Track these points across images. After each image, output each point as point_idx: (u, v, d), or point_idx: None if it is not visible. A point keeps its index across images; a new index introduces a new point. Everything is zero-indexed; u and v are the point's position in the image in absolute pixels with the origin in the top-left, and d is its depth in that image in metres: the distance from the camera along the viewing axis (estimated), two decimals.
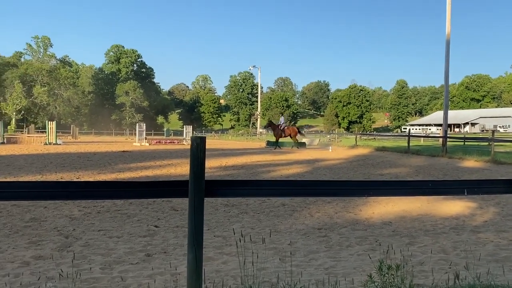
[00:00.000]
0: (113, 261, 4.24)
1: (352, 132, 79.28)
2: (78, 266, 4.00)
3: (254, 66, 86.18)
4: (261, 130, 77.80)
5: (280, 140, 29.98)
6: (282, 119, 30.56)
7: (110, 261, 4.23)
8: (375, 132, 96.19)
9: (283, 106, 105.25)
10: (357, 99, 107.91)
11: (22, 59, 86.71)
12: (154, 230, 5.57)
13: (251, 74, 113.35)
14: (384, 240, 5.16)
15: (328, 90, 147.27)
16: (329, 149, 29.20)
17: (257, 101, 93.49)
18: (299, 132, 30.64)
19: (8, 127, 63.01)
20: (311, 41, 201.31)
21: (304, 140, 39.66)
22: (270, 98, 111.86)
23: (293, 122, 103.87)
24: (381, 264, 2.90)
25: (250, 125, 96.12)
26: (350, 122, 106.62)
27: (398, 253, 3.72)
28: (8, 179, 9.98)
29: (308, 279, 3.63)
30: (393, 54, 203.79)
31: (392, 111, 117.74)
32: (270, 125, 30.10)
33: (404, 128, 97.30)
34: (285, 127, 29.64)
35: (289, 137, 29.65)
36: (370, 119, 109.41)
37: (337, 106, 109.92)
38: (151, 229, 5.62)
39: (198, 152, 2.61)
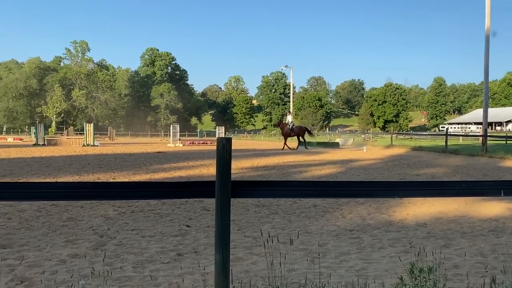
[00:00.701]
0: (145, 260, 4.32)
1: (387, 131, 77.67)
2: (111, 264, 4.10)
3: (286, 66, 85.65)
4: None
5: (314, 140, 29.92)
6: (289, 118, 29.34)
7: (142, 260, 4.32)
8: (411, 131, 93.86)
9: (316, 106, 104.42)
10: (393, 98, 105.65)
11: (62, 64, 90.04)
12: (185, 230, 5.64)
13: (283, 74, 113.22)
14: (418, 242, 5.01)
15: (363, 88, 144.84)
16: (364, 149, 28.74)
17: (289, 101, 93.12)
18: (309, 132, 29.50)
19: (49, 129, 65.63)
20: (345, 40, 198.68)
21: (337, 140, 39.24)
22: (303, 98, 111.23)
23: (326, 122, 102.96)
24: (412, 267, 2.81)
25: None
26: (386, 121, 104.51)
27: (432, 255, 3.61)
28: (47, 180, 10.38)
29: (338, 281, 3.57)
30: (430, 50, 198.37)
31: (430, 109, 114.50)
32: (279, 124, 29.08)
33: (442, 127, 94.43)
34: (294, 126, 28.48)
35: (298, 136, 28.30)
36: (406, 118, 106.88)
37: (372, 105, 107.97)
38: (182, 229, 5.70)
39: (224, 153, 2.62)
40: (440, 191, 2.98)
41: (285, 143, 27.85)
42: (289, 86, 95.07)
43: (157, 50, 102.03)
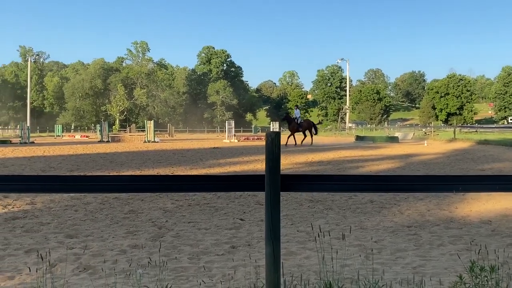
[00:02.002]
0: (200, 251, 4.45)
1: (450, 125, 73.96)
2: (169, 255, 4.25)
3: (342, 59, 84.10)
4: (350, 125, 76.00)
5: (371, 134, 28.88)
6: (297, 112, 27.48)
7: (197, 251, 4.44)
8: (477, 124, 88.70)
9: (374, 99, 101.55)
10: (456, 89, 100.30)
11: (124, 64, 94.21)
12: (239, 223, 5.73)
13: (339, 67, 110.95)
14: (481, 240, 4.75)
15: (424, 80, 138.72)
16: (424, 143, 27.61)
17: (345, 95, 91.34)
18: (315, 127, 27.34)
19: (113, 127, 69.04)
20: (403, 29, 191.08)
21: (396, 134, 37.96)
22: (360, 91, 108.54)
23: (385, 116, 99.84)
24: (473, 265, 2.67)
25: (339, 120, 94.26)
26: (449, 114, 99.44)
27: (495, 254, 3.40)
28: (111, 174, 10.94)
29: (393, 278, 3.48)
30: (496, 38, 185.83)
31: (497, 101, 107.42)
32: (286, 118, 27.22)
33: (511, 120, 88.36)
34: (302, 121, 26.80)
35: (305, 131, 26.44)
36: (471, 111, 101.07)
37: (434, 97, 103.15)
38: (237, 222, 5.79)
39: (273, 147, 2.63)
40: (504, 186, 2.79)
41: (291, 137, 25.82)
42: (346, 79, 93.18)
43: (213, 48, 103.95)
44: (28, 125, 39.37)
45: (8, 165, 13.41)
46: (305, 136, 26.22)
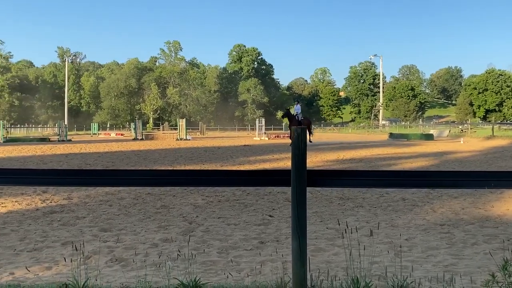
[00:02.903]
0: (229, 246, 4.50)
1: (489, 121, 71.35)
2: (199, 249, 4.33)
3: (375, 55, 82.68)
4: (383, 122, 74.60)
5: (405, 132, 28.15)
6: (298, 108, 24.83)
7: (226, 246, 4.50)
8: None
9: (408, 96, 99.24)
10: (495, 85, 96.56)
11: (157, 63, 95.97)
12: (268, 220, 5.76)
13: (373, 63, 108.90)
14: None
15: (461, 76, 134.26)
16: (461, 141, 26.81)
17: (379, 92, 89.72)
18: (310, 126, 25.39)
19: (147, 125, 70.49)
20: (440, 24, 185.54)
21: (431, 131, 37.01)
22: (394, 88, 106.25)
23: (420, 113, 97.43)
24: (506, 263, 2.60)
25: (372, 117, 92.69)
26: (487, 111, 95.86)
27: None
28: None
29: (424, 275, 3.42)
30: None
31: None
32: (287, 115, 24.61)
33: None
34: (302, 118, 24.61)
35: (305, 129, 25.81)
36: None
37: (471, 93, 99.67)
38: (265, 219, 5.82)
39: (299, 143, 2.64)
40: None
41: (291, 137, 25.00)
42: (379, 76, 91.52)
43: (244, 46, 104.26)
44: (65, 123, 40.74)
45: (47, 162, 13.95)
46: (309, 133, 24.02)
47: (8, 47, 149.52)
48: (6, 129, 32.95)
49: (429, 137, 31.00)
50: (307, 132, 23.94)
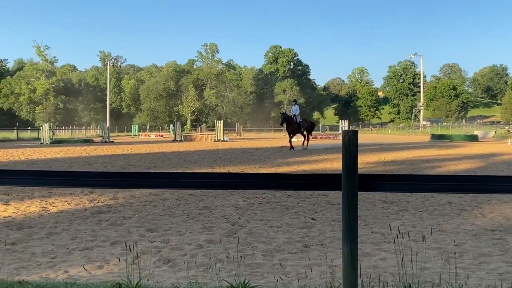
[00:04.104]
0: (273, 249, 4.50)
1: None
2: (243, 251, 4.36)
3: (415, 54, 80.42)
4: (424, 123, 72.56)
5: (448, 133, 27.12)
6: (295, 109, 22.27)
7: (270, 249, 4.51)
8: None
9: (450, 96, 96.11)
10: None
11: (194, 66, 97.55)
12: (311, 223, 5.72)
13: (413, 63, 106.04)
14: None
15: (506, 74, 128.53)
16: (508, 142, 25.67)
17: (419, 92, 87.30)
18: (313, 127, 23.49)
19: (185, 126, 71.71)
20: (483, 21, 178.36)
21: (476, 132, 35.65)
22: (435, 87, 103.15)
23: (463, 113, 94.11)
24: None
25: (412, 118, 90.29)
26: None
27: None
28: (186, 172, 11.40)
29: (478, 283, 3.29)
30: None
31: None
32: (285, 120, 21.41)
33: None
34: (301, 120, 22.30)
35: (305, 132, 22.30)
36: None
37: None
38: (308, 222, 5.78)
39: (350, 146, 2.61)
40: None
41: (290, 140, 21.69)
42: (419, 75, 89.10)
43: (280, 47, 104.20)
44: (108, 125, 42.08)
45: (92, 163, 14.45)
46: (308, 137, 22.37)
47: (53, 51, 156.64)
48: (52, 131, 34.38)
49: (473, 138, 29.88)
50: (306, 135, 21.88)
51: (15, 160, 15.73)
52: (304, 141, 22.24)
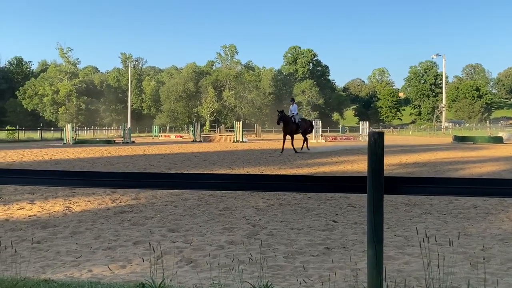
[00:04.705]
0: (295, 251, 4.47)
1: None
2: (264, 253, 4.34)
3: (437, 55, 79.08)
4: (446, 124, 71.28)
5: (471, 134, 26.48)
6: (294, 108, 20.69)
7: (292, 251, 4.48)
8: None
9: (473, 96, 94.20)
10: None
11: (214, 67, 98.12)
12: (332, 225, 5.66)
13: (434, 63, 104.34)
14: None
15: None
16: None
17: (441, 93, 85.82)
18: (311, 127, 21.98)
19: (204, 127, 72.12)
20: (507, 20, 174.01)
21: (500, 134, 34.82)
22: (457, 88, 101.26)
23: (486, 114, 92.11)
24: None
25: (434, 119, 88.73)
26: None
27: None
28: (205, 172, 11.45)
29: None
30: None
31: None
32: (283, 119, 19.67)
33: None
34: (299, 120, 20.61)
35: (303, 133, 20.86)
36: None
37: None
38: (329, 224, 5.73)
39: (376, 148, 2.57)
40: None
41: (284, 142, 19.97)
42: (441, 76, 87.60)
43: (299, 48, 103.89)
44: (129, 126, 42.67)
45: (114, 163, 14.65)
46: (305, 139, 21.02)
47: (75, 53, 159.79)
48: (75, 132, 35.02)
49: (497, 140, 29.18)
50: (305, 137, 20.60)
51: (39, 160, 16.07)
52: (304, 143, 20.71)
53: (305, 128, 20.70)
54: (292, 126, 19.82)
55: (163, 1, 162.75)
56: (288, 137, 19.95)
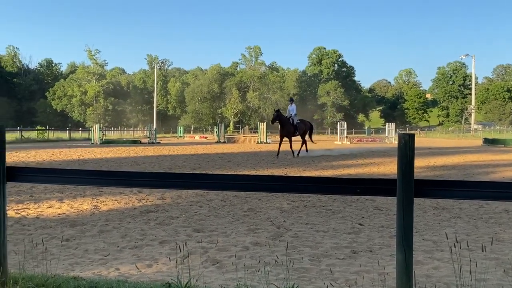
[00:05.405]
0: (320, 254, 4.42)
1: None
2: (289, 255, 4.30)
3: (467, 55, 77.09)
4: (475, 126, 69.47)
5: (502, 137, 25.74)
6: (292, 108, 19.17)
7: (317, 253, 4.43)
8: None
9: (504, 98, 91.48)
10: None
11: (238, 68, 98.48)
12: (358, 228, 5.58)
13: (463, 64, 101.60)
14: None
15: None
16: None
17: (470, 94, 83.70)
18: (311, 129, 20.15)
19: (228, 128, 72.47)
20: None
21: None
22: (487, 89, 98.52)
23: None
24: None
25: (463, 121, 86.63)
26: None
27: None
28: (229, 173, 11.48)
29: None
30: None
31: None
32: (278, 119, 18.32)
33: None
34: (298, 121, 19.01)
35: (303, 135, 19.27)
36: None
37: None
38: (355, 227, 5.65)
39: (406, 150, 2.51)
40: None
41: (280, 146, 18.85)
42: (470, 77, 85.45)
43: (324, 48, 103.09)
44: (154, 126, 43.27)
45: (140, 163, 14.87)
46: (304, 142, 19.40)
47: (103, 55, 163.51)
48: (102, 132, 35.75)
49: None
50: (306, 139, 18.90)
51: (68, 159, 16.47)
52: (302, 146, 19.13)
53: (304, 130, 19.24)
54: (290, 127, 18.42)
55: (188, 3, 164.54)
56: (286, 139, 18.67)
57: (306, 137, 19.38)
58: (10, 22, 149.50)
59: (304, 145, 19.19)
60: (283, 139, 18.66)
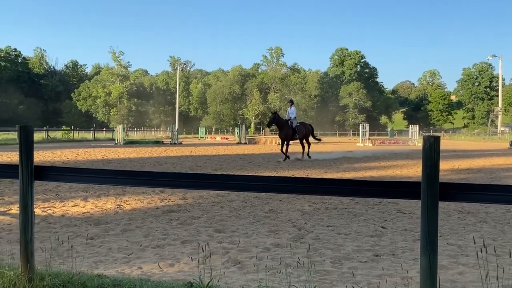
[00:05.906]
0: (342, 256, 4.39)
1: None
2: (310, 257, 4.28)
3: (493, 56, 75.22)
4: (502, 129, 67.70)
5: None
6: (292, 111, 18.33)
7: (339, 256, 4.39)
8: None
9: None
10: None
11: (259, 70, 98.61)
12: (381, 231, 5.51)
13: (490, 65, 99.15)
14: None
15: None
16: None
17: (497, 96, 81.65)
18: (312, 132, 19.02)
19: (249, 129, 72.63)
20: None
21: None
22: None
23: None
24: None
25: (489, 123, 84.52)
26: None
27: None
28: (250, 174, 11.50)
29: None
30: None
31: None
32: (275, 122, 17.66)
33: None
34: (298, 124, 18.17)
35: (302, 139, 18.29)
36: None
37: None
38: (378, 230, 5.58)
39: (431, 153, 2.46)
40: None
41: (282, 148, 17.76)
42: (497, 78, 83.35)
43: (346, 49, 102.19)
44: (177, 127, 43.67)
45: (162, 163, 15.04)
46: (304, 146, 18.37)
47: (127, 57, 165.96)
48: (125, 132, 36.30)
49: None
50: (306, 142, 17.91)
51: (92, 159, 16.79)
52: (304, 150, 18.19)
53: (305, 133, 18.29)
54: (288, 130, 17.51)
55: (210, 5, 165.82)
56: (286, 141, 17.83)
57: (310, 138, 18.76)
58: (38, 25, 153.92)
59: (307, 148, 18.31)
60: (284, 142, 17.89)
